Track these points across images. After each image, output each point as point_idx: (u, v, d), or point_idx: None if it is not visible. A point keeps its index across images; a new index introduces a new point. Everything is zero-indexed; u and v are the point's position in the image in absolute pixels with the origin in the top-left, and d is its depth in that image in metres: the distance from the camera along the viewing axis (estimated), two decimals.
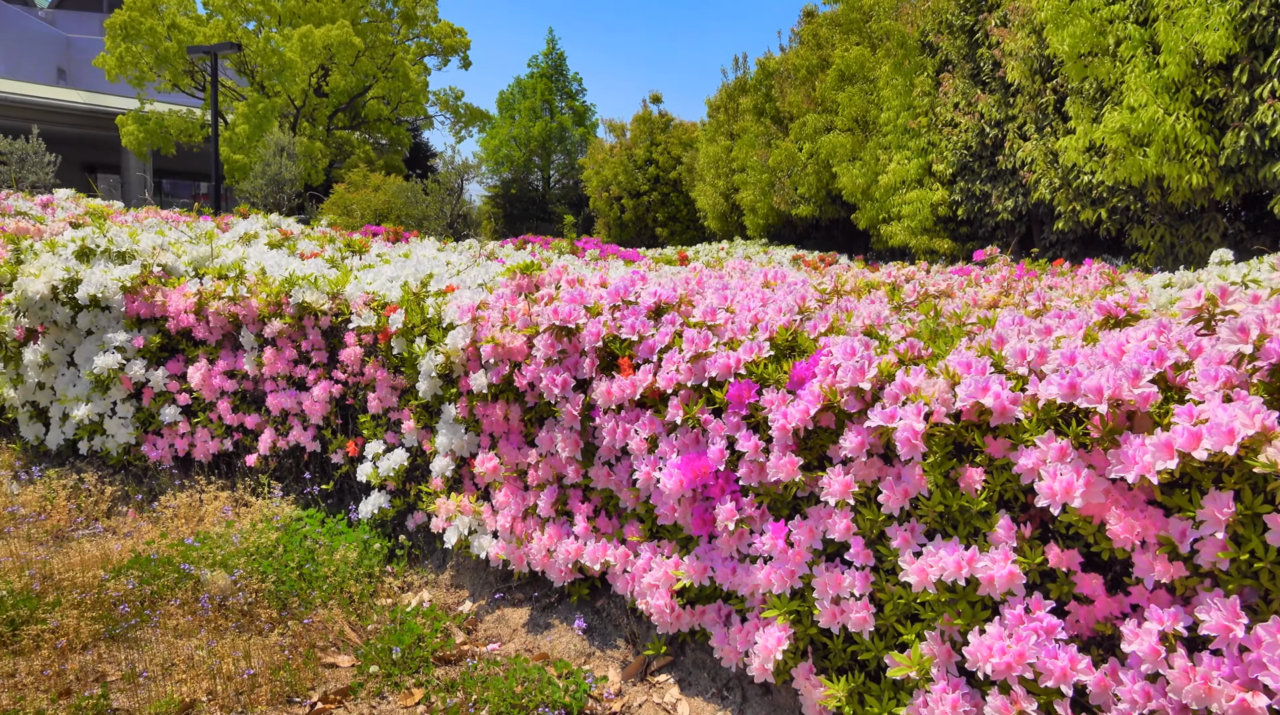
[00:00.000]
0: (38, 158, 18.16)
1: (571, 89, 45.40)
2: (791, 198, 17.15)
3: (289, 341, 4.29)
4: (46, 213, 7.27)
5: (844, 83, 15.28)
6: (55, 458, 4.99)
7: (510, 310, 3.54)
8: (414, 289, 4.15)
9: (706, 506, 2.80)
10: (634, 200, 30.28)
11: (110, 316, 4.70)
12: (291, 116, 33.45)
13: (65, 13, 53.28)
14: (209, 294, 4.49)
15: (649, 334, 3.06)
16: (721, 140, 22.36)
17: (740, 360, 2.76)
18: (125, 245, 4.81)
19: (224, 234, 5.90)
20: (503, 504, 3.51)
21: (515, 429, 3.57)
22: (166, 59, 31.09)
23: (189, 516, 4.26)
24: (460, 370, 3.70)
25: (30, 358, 4.74)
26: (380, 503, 3.93)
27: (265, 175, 21.31)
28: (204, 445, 4.53)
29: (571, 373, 3.22)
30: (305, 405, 4.20)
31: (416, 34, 37.86)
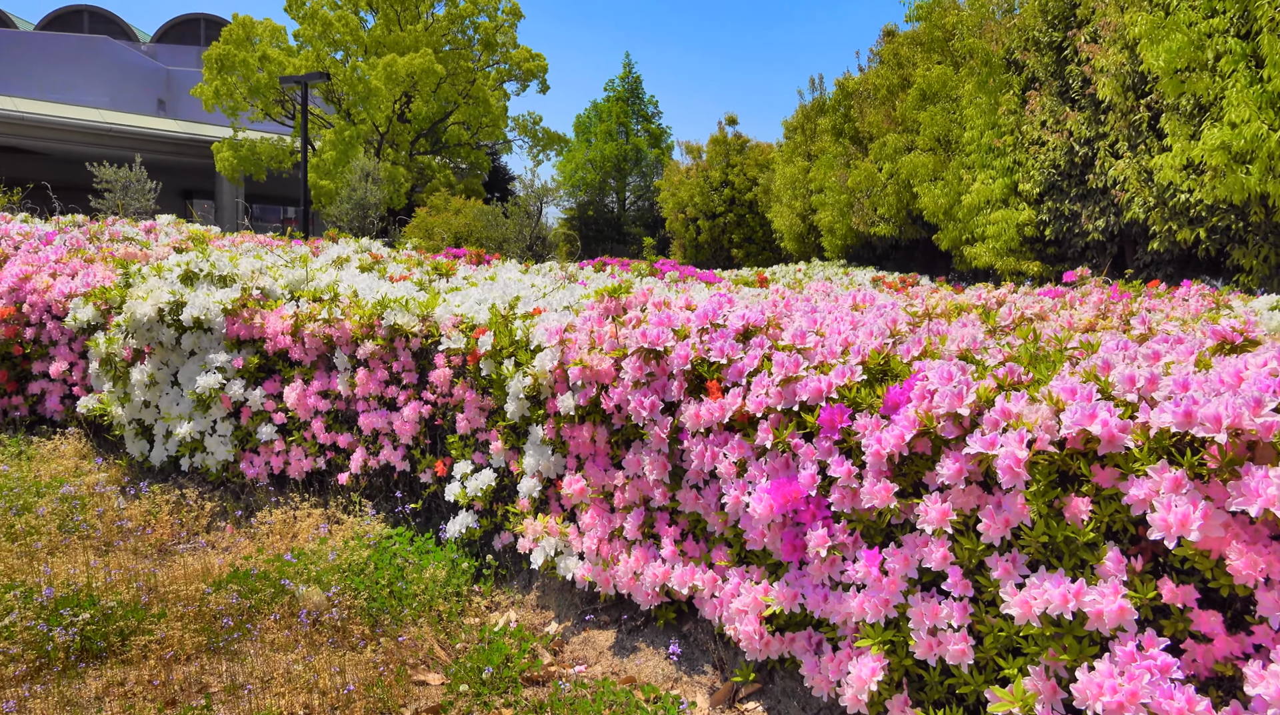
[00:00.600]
0: (140, 185, 19.03)
1: (647, 112, 45.79)
2: (870, 218, 16.96)
3: (381, 363, 4.39)
4: (150, 237, 7.60)
5: (925, 102, 15.07)
6: (159, 473, 5.19)
7: (597, 333, 3.57)
8: (502, 311, 4.22)
9: (797, 532, 2.77)
10: (710, 222, 30.32)
11: (212, 338, 4.88)
12: (376, 142, 34.43)
13: (165, 46, 55.92)
14: (305, 316, 4.63)
15: (738, 357, 3.05)
16: (798, 161, 22.25)
17: (832, 384, 2.74)
18: (226, 269, 5.00)
19: (317, 258, 6.09)
20: (589, 526, 3.52)
21: (602, 451, 3.58)
22: (259, 89, 32.33)
23: (284, 533, 4.38)
24: (548, 392, 3.73)
25: (137, 377, 4.94)
26: (468, 522, 3.99)
27: (351, 200, 21.95)
28: (298, 463, 4.66)
29: (659, 395, 3.23)
30: (395, 425, 4.29)
31: (496, 60, 38.66)
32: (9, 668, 2.91)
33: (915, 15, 15.65)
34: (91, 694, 2.83)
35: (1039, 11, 12.49)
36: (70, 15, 56.15)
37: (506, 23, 37.89)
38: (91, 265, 5.77)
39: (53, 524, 4.36)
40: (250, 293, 4.89)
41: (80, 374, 5.54)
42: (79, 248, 6.15)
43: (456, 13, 36.69)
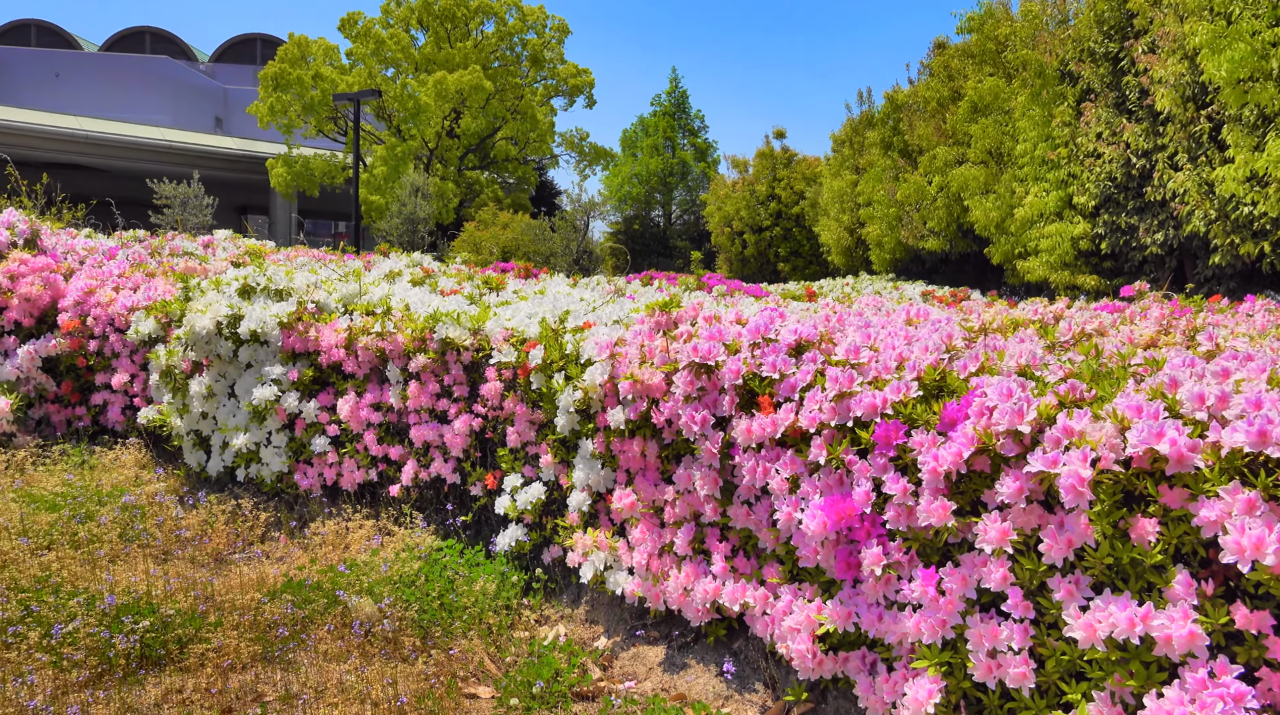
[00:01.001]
0: (198, 201, 19.50)
1: (693, 126, 45.90)
2: (920, 232, 16.79)
3: (432, 376, 4.43)
4: (208, 252, 7.78)
5: (977, 114, 14.90)
6: (215, 484, 5.28)
7: (648, 347, 3.57)
8: (552, 325, 4.24)
9: (851, 550, 2.73)
10: (756, 235, 30.25)
11: (268, 350, 4.96)
12: (425, 158, 34.93)
13: (223, 65, 57.37)
14: (358, 330, 4.69)
15: (790, 372, 3.02)
16: (846, 174, 22.12)
17: (887, 400, 2.70)
18: (282, 283, 5.09)
19: (369, 272, 6.18)
20: (639, 540, 3.51)
21: (652, 465, 3.57)
22: (312, 106, 32.99)
23: (336, 544, 4.43)
24: (598, 406, 3.74)
25: (196, 389, 5.04)
26: (517, 535, 4.00)
27: (401, 215, 22.28)
28: (350, 475, 4.71)
29: (710, 410, 3.21)
30: (446, 438, 4.32)
31: (544, 76, 39.04)
32: (73, 673, 2.98)
33: (967, 27, 15.49)
34: (151, 701, 2.88)
35: (1094, 22, 12.30)
36: (133, 36, 57.88)
37: (554, 39, 38.28)
38: (153, 279, 5.91)
39: (114, 532, 4.45)
40: (305, 306, 4.97)
41: (141, 385, 5.67)
42: (141, 262, 6.31)
43: (505, 30, 37.15)
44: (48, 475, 5.29)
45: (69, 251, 6.48)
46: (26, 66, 47.74)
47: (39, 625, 3.22)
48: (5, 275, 5.83)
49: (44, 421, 6.08)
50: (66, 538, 4.35)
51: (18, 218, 6.22)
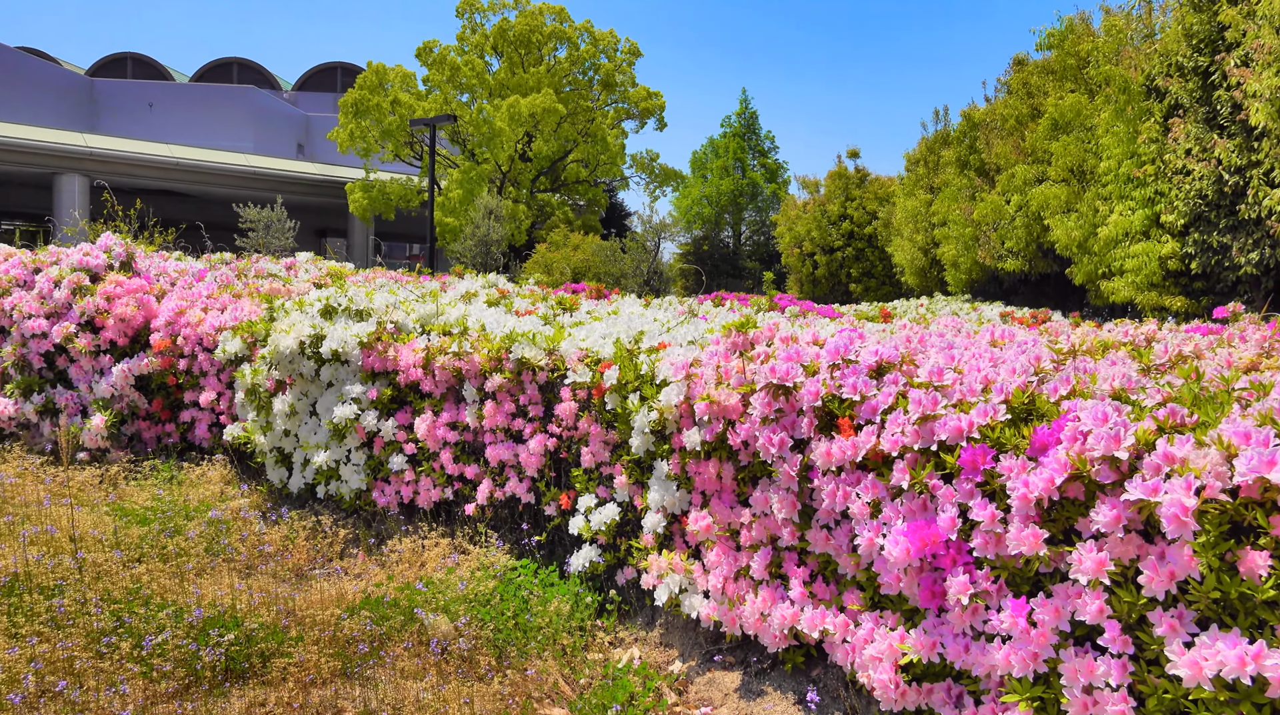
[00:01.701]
0: (280, 224, 20.12)
1: (764, 147, 45.79)
2: (997, 252, 16.43)
3: (508, 395, 4.47)
4: (291, 274, 8.00)
5: (1058, 131, 14.54)
6: (296, 500, 5.40)
7: (724, 368, 3.54)
8: (627, 346, 4.24)
9: (935, 577, 2.65)
10: (827, 256, 29.98)
11: (348, 370, 5.06)
12: (498, 181, 35.51)
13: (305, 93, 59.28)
14: (435, 349, 4.75)
15: (871, 394, 2.97)
16: (920, 194, 21.80)
17: (974, 423, 2.63)
18: (362, 304, 5.19)
19: (445, 293, 6.27)
20: (714, 564, 3.47)
21: (728, 487, 3.53)
22: (390, 132, 33.83)
23: (412, 561, 4.48)
24: (673, 427, 3.72)
25: (278, 407, 5.17)
26: (591, 556, 3.99)
27: (475, 237, 22.66)
28: (427, 493, 4.77)
29: (788, 432, 3.17)
30: (521, 457, 4.34)
31: (614, 99, 39.42)
32: (162, 684, 3.05)
33: (1047, 43, 15.15)
34: (235, 713, 2.94)
35: (1183, 36, 11.92)
36: (221, 67, 60.22)
37: (625, 62, 38.66)
38: (239, 300, 6.10)
39: (200, 546, 4.57)
40: (384, 326, 5.06)
41: (227, 403, 5.84)
42: (228, 284, 6.51)
43: (578, 55, 37.65)
44: (139, 490, 5.47)
45: (161, 273, 6.73)
46: (123, 98, 50.01)
47: (130, 636, 3.31)
48: (102, 296, 6.07)
49: (135, 438, 6.29)
50: (156, 551, 4.48)
51: (115, 242, 6.48)
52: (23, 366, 6.19)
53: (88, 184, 35.66)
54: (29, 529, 4.46)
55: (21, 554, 4.10)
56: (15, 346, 6.16)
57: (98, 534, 4.46)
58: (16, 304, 6.13)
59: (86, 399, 6.07)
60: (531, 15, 37.19)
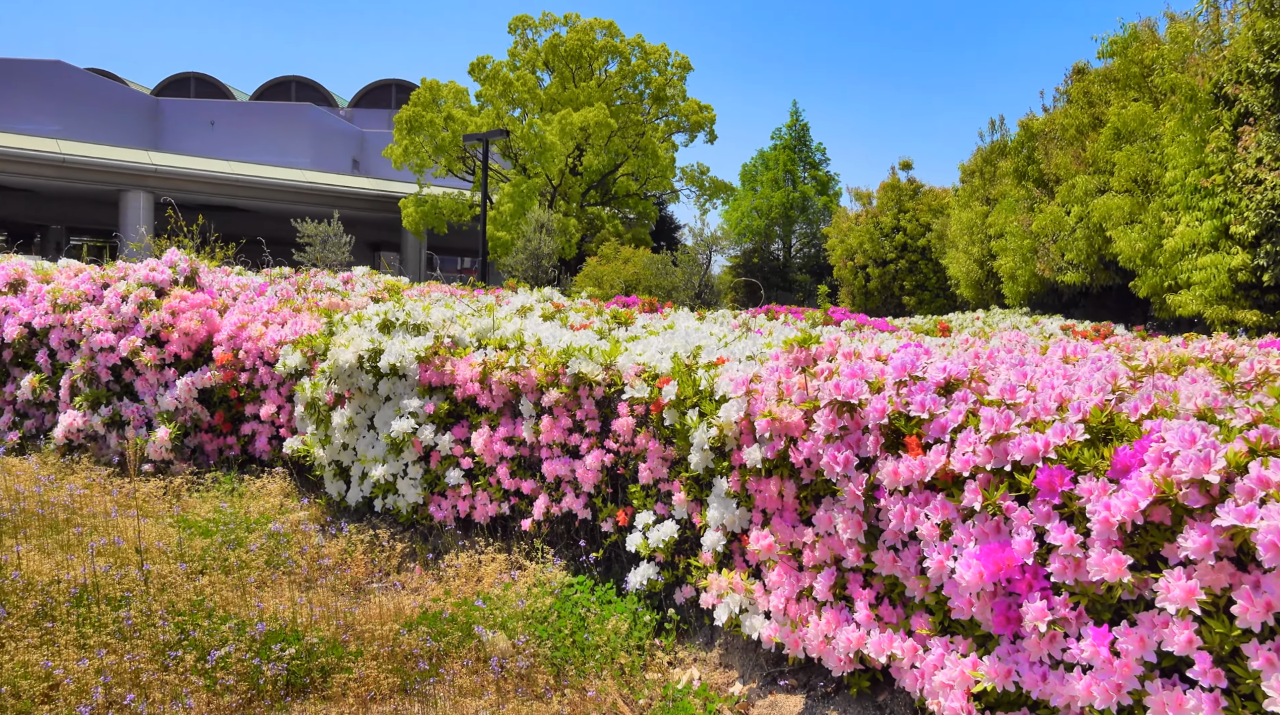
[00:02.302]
0: (337, 239, 20.45)
1: (814, 159, 45.53)
2: (1057, 264, 16.07)
3: (565, 410, 4.45)
4: (348, 288, 8.10)
5: (1121, 141, 14.20)
6: (354, 513, 5.43)
7: (785, 384, 3.48)
8: (684, 361, 4.20)
9: (1010, 603, 2.56)
10: (880, 268, 29.66)
11: (406, 384, 5.09)
12: (549, 195, 35.76)
13: (360, 110, 60.39)
14: (492, 364, 4.76)
15: (940, 412, 2.89)
16: (976, 205, 21.46)
17: (1050, 443, 2.54)
18: (420, 318, 5.22)
19: (501, 307, 6.29)
20: (775, 584, 3.41)
21: (789, 506, 3.47)
22: (443, 147, 34.27)
23: (469, 576, 4.47)
24: (733, 443, 3.66)
25: (337, 420, 5.21)
26: (649, 574, 3.94)
27: (526, 250, 22.82)
28: (483, 508, 4.76)
29: (853, 450, 3.10)
30: (578, 473, 4.32)
31: (665, 112, 39.50)
32: (225, 697, 3.07)
33: (1109, 51, 14.81)
34: None
35: (1253, 42, 11.57)
36: (280, 85, 61.63)
37: (676, 76, 38.73)
38: (299, 314, 6.18)
39: (261, 559, 4.61)
40: (441, 341, 5.08)
41: (286, 416, 5.91)
42: (288, 298, 6.60)
43: (628, 69, 37.83)
44: (201, 502, 5.55)
45: (224, 288, 6.85)
46: (185, 116, 51.40)
47: (195, 649, 3.33)
48: (167, 311, 6.19)
49: (198, 450, 6.40)
50: (218, 563, 4.53)
51: (179, 257, 6.61)
52: (91, 379, 6.34)
53: (152, 200, 36.66)
54: (97, 540, 4.54)
55: (90, 565, 4.17)
56: (84, 360, 6.31)
57: (163, 546, 4.53)
58: (86, 318, 6.28)
59: (151, 412, 6.19)
60: (583, 30, 37.47)
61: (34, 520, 4.84)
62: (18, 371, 6.84)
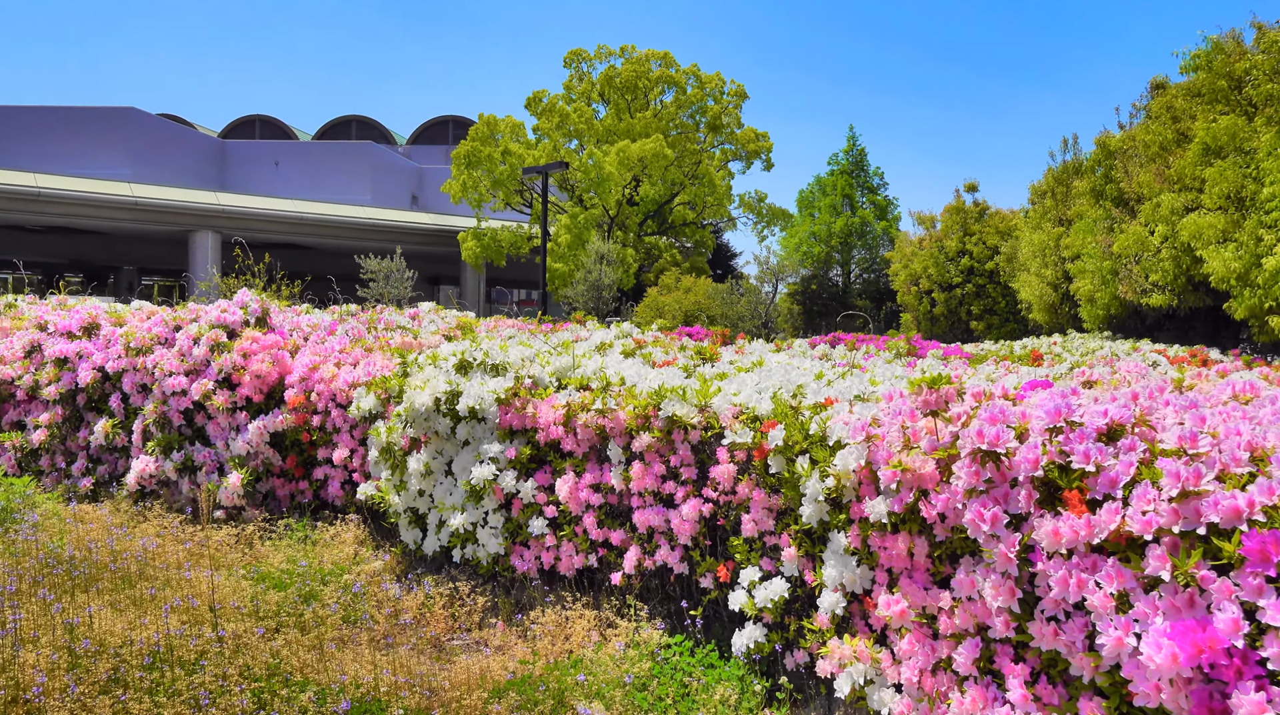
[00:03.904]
0: (399, 274, 20.54)
1: (872, 184, 44.92)
2: (1141, 286, 15.39)
3: (657, 456, 4.15)
4: (416, 324, 7.95)
5: (1210, 156, 13.56)
6: (431, 562, 5.18)
7: (911, 429, 3.14)
8: (788, 402, 3.88)
9: (1212, 691, 2.19)
10: (945, 293, 28.96)
11: (485, 427, 4.84)
12: (606, 226, 35.76)
13: (418, 147, 61.43)
14: (577, 406, 4.49)
15: (1108, 464, 2.53)
16: (1048, 227, 20.80)
17: (1255, 502, 2.17)
18: (498, 358, 4.99)
19: (578, 344, 6.04)
20: (907, 653, 3.05)
21: (920, 566, 3.12)
22: (501, 181, 34.53)
23: (556, 635, 4.18)
24: (851, 494, 3.33)
25: (413, 466, 4.98)
26: (756, 636, 3.61)
27: (586, 282, 22.71)
28: (568, 559, 4.48)
29: (1001, 505, 2.74)
30: (674, 523, 4.01)
31: (721, 141, 39.40)
32: None
33: (1193, 65, 14.21)
34: None
35: None
36: (341, 125, 63.03)
37: (732, 104, 38.65)
38: (370, 354, 5.99)
39: (337, 615, 4.38)
40: (522, 381, 4.83)
41: (360, 460, 5.71)
42: (359, 337, 6.44)
43: (684, 99, 37.84)
44: (274, 550, 5.36)
45: (294, 328, 6.71)
46: (250, 157, 52.77)
47: None
48: (239, 353, 6.06)
49: (269, 495, 6.23)
50: (293, 620, 4.31)
51: (250, 297, 6.49)
52: (163, 424, 6.22)
53: (219, 239, 37.51)
54: (170, 596, 4.35)
55: (163, 624, 3.97)
56: (157, 404, 6.20)
57: (236, 604, 4.31)
58: (159, 362, 6.17)
59: (223, 456, 6.04)
60: (638, 62, 37.62)
61: (106, 573, 4.67)
62: (91, 416, 6.77)
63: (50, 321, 7.22)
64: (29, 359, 7.03)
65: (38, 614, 4.03)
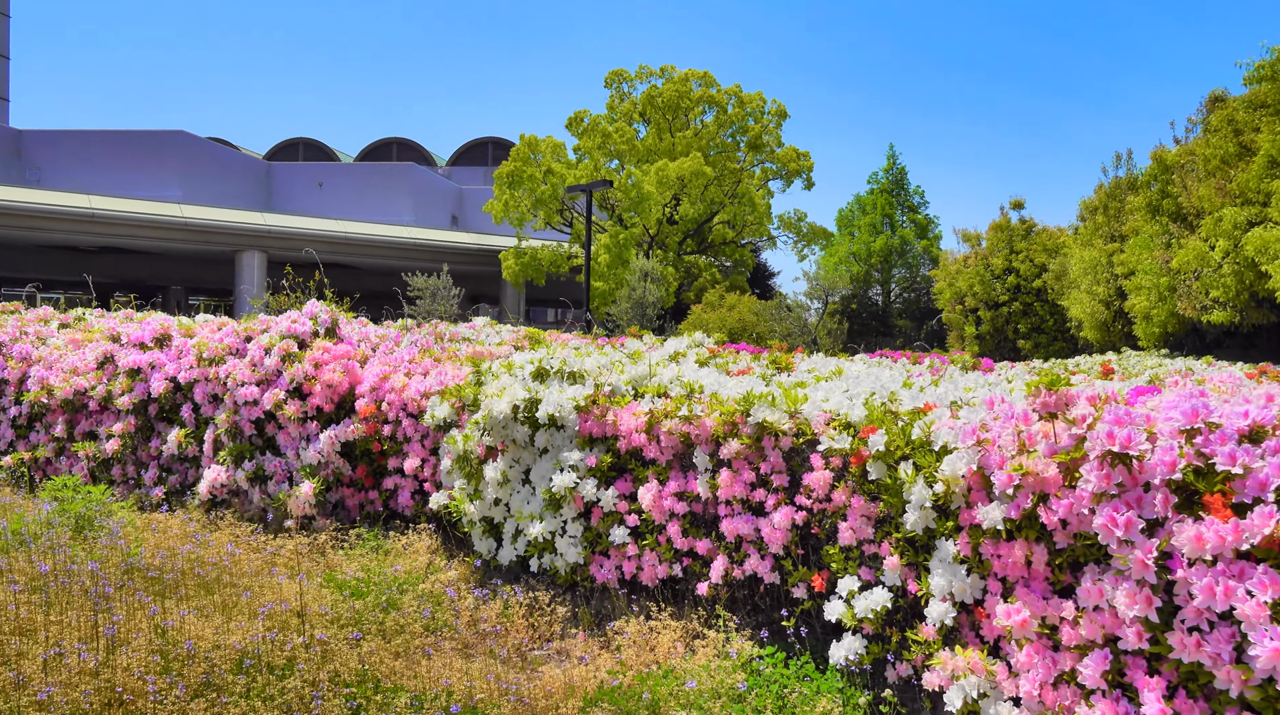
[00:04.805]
0: (446, 292, 20.67)
1: (913, 202, 44.63)
2: (1201, 302, 15.07)
3: (746, 463, 4.07)
4: (478, 336, 7.93)
5: (1276, 169, 13.28)
6: (506, 573, 5.13)
7: (1026, 432, 3.04)
8: (883, 407, 3.80)
9: None
10: (991, 312, 28.62)
11: (564, 435, 4.80)
12: (646, 244, 35.79)
13: (458, 168, 62.11)
14: (660, 413, 4.43)
15: (1257, 465, 2.42)
16: (1100, 243, 20.48)
17: None
18: (576, 366, 4.95)
19: (650, 353, 5.98)
20: (1025, 665, 2.94)
21: (1039, 574, 3.01)
22: (542, 200, 34.72)
23: (641, 645, 4.10)
24: (960, 500, 3.23)
25: (490, 474, 4.94)
26: (856, 647, 3.51)
27: (631, 299, 22.72)
28: (651, 569, 4.40)
29: (1135, 510, 2.63)
30: (764, 532, 3.93)
31: (760, 159, 39.33)
32: None
33: (1256, 76, 13.94)
34: None
35: None
36: (382, 147, 63.92)
37: (772, 123, 38.60)
38: (440, 364, 5.98)
39: (417, 623, 4.34)
40: (601, 388, 4.78)
41: (431, 470, 5.68)
42: (427, 348, 6.44)
43: (725, 118, 37.88)
44: (346, 560, 5.34)
45: (363, 339, 6.73)
46: (295, 178, 53.62)
47: None
48: (310, 363, 6.08)
49: (339, 505, 6.22)
50: (374, 627, 4.27)
51: (320, 308, 6.53)
52: (234, 433, 6.25)
53: (265, 259, 38.06)
54: (251, 602, 4.34)
55: (249, 631, 3.95)
56: (229, 413, 6.23)
57: (317, 607, 4.29)
58: (231, 372, 6.20)
59: (294, 466, 6.05)
60: (679, 82, 37.74)
61: (190, 580, 4.67)
62: (162, 426, 6.82)
63: (123, 333, 7.30)
64: (101, 370, 7.12)
65: (125, 619, 4.03)
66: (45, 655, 3.47)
